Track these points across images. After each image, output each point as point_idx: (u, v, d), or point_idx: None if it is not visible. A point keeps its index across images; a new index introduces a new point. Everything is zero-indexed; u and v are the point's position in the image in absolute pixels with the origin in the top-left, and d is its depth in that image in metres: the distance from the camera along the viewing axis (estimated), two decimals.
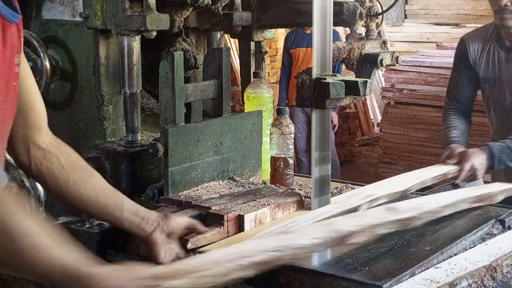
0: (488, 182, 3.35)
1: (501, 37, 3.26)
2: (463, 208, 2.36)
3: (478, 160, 2.90)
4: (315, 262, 2.05)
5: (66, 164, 1.83)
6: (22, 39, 1.67)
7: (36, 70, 2.60)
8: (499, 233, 2.23)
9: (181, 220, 1.94)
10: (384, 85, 7.76)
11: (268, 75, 8.15)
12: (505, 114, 3.31)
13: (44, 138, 1.83)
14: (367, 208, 2.33)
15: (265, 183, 2.55)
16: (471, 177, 2.90)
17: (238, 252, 1.72)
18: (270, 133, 2.52)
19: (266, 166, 2.64)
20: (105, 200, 1.85)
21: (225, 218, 2.06)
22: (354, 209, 2.31)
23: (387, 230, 2.03)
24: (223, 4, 2.73)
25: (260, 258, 1.73)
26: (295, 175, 2.61)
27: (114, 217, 1.87)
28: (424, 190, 2.71)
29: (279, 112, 2.50)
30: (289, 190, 2.43)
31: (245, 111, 2.71)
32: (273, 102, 2.95)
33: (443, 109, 3.51)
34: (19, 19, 1.59)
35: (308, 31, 6.32)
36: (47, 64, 2.59)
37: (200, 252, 1.90)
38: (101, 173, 2.46)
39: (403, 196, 2.49)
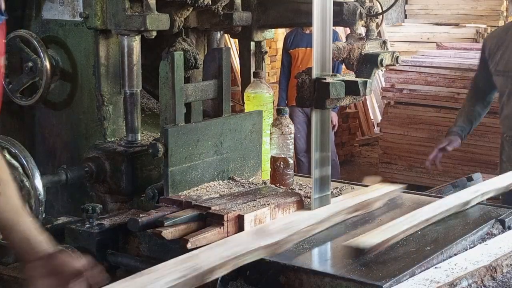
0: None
1: None
2: (338, 221, 2.24)
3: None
4: (315, 262, 2.06)
5: None
6: (4, 41, 1.63)
7: (36, 70, 2.59)
8: (499, 233, 2.24)
9: (73, 261, 1.72)
10: (384, 85, 7.75)
11: (268, 75, 8.15)
12: None
13: None
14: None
15: (265, 183, 2.55)
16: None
17: None
18: (270, 133, 2.52)
19: (266, 166, 2.64)
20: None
21: (225, 218, 2.06)
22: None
23: (255, 258, 1.91)
24: (223, 4, 2.73)
25: None
26: (295, 175, 2.61)
27: (4, 236, 1.78)
28: (424, 190, 2.71)
29: (279, 112, 2.50)
30: (289, 190, 2.44)
31: (245, 111, 2.71)
32: (273, 102, 2.94)
33: (467, 93, 3.93)
34: (2, 20, 1.56)
35: (308, 31, 6.31)
36: (47, 64, 2.58)
37: None
38: (101, 173, 2.49)
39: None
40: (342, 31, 7.81)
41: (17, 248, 1.75)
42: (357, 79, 2.24)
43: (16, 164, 2.33)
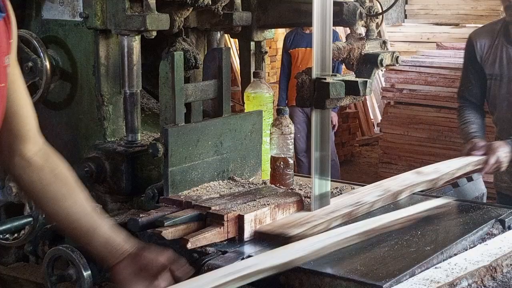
0: (490, 182, 3.38)
1: (509, 33, 3.27)
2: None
3: (503, 152, 2.95)
4: (315, 262, 2.06)
5: (46, 179, 1.75)
6: (12, 41, 1.61)
7: (36, 70, 2.59)
8: (499, 233, 2.23)
9: (158, 256, 1.75)
10: (384, 85, 7.76)
11: (268, 75, 8.15)
12: (511, 111, 3.32)
13: (31, 147, 1.76)
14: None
15: (265, 183, 2.55)
16: (496, 169, 2.98)
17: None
18: (270, 133, 2.52)
19: (266, 166, 2.64)
20: (77, 224, 1.76)
21: (225, 218, 2.06)
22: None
23: (424, 187, 2.55)
24: (223, 4, 2.73)
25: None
26: (295, 175, 2.61)
27: (82, 243, 1.80)
28: (424, 191, 2.71)
29: (279, 112, 2.50)
30: (289, 190, 2.44)
31: (245, 111, 2.71)
32: (273, 102, 2.94)
33: (457, 108, 3.54)
34: (1, 17, 1.54)
35: (307, 31, 6.31)
36: (47, 64, 2.58)
37: None
38: (101, 173, 2.49)
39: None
40: (342, 31, 7.82)
41: (99, 253, 1.76)
42: (357, 79, 2.24)
43: None
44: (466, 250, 2.08)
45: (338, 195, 2.50)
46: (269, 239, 2.08)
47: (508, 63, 3.26)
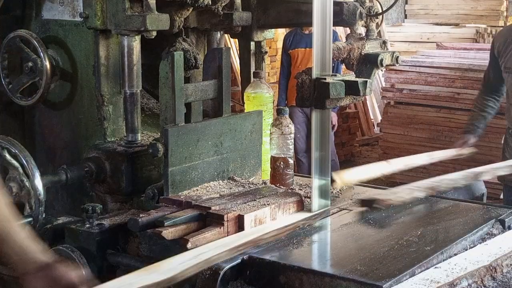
0: (490, 182, 3.47)
1: None
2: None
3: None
4: (315, 262, 2.06)
5: None
6: None
7: (36, 70, 2.59)
8: (499, 233, 2.23)
9: (69, 272, 1.71)
10: (384, 85, 7.75)
11: (268, 75, 8.14)
12: None
13: None
14: None
15: (265, 183, 2.55)
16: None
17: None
18: (270, 133, 2.52)
19: (266, 166, 2.64)
20: None
21: (225, 218, 2.06)
22: None
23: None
24: (223, 4, 2.73)
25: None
26: (295, 175, 2.61)
27: None
28: None
29: (279, 112, 2.50)
30: (289, 190, 2.44)
31: (245, 111, 2.71)
32: (273, 102, 2.94)
33: (478, 91, 3.91)
34: None
35: (307, 32, 6.31)
36: (47, 64, 2.58)
37: None
38: (101, 173, 2.49)
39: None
40: (342, 31, 7.81)
41: (13, 259, 1.71)
42: (357, 79, 2.25)
43: (16, 164, 2.33)
44: (466, 250, 2.08)
45: (338, 195, 2.50)
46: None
47: None
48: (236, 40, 3.18)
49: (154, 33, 2.45)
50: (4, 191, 1.77)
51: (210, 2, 2.56)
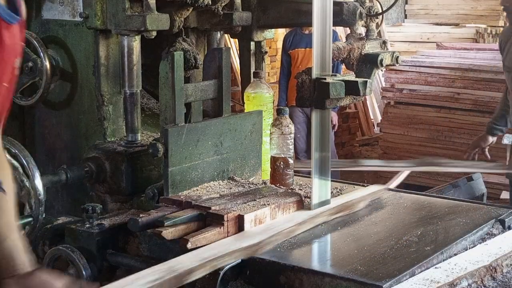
0: (490, 182, 3.42)
1: None
2: (320, 222, 2.22)
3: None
4: (315, 262, 2.06)
5: None
6: (23, 43, 1.62)
7: (36, 70, 2.59)
8: (499, 233, 2.24)
9: (53, 280, 1.66)
10: (384, 85, 7.75)
11: (268, 75, 8.14)
12: None
13: None
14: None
15: (265, 183, 2.55)
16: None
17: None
18: (270, 133, 2.52)
19: (266, 166, 2.64)
20: None
21: (225, 218, 2.06)
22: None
23: (234, 260, 1.91)
24: (223, 4, 2.73)
25: None
26: (295, 175, 2.61)
27: None
28: (424, 190, 2.71)
29: (279, 112, 2.50)
30: (289, 190, 2.43)
31: (245, 111, 2.71)
32: (273, 102, 2.94)
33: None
34: (17, 20, 1.54)
35: (307, 32, 6.30)
36: (47, 64, 2.58)
37: None
38: (101, 173, 2.49)
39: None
40: (342, 31, 7.81)
41: None
42: (357, 79, 2.25)
43: (16, 164, 2.33)
44: (466, 250, 2.08)
45: (338, 195, 2.50)
46: None
47: None
48: (236, 40, 3.18)
49: (154, 33, 2.45)
50: (13, 199, 1.73)
51: (210, 2, 2.56)
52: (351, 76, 2.32)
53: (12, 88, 1.61)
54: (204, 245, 1.98)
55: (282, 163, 2.49)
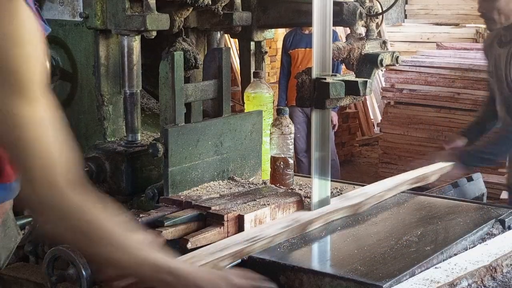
0: (490, 182, 3.41)
1: (500, 35, 3.38)
2: (403, 189, 2.59)
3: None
4: (315, 262, 2.06)
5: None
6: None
7: None
8: (499, 233, 2.23)
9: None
10: (384, 85, 7.75)
11: (268, 75, 8.14)
12: (500, 108, 3.36)
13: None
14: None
15: (265, 183, 2.55)
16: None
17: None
18: (270, 133, 2.52)
19: (266, 166, 2.64)
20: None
21: (225, 218, 2.06)
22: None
23: (340, 216, 2.30)
24: (223, 4, 2.73)
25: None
26: (295, 175, 2.61)
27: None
28: (424, 190, 2.72)
29: (279, 112, 2.50)
30: (289, 190, 2.43)
31: (245, 111, 2.71)
32: (273, 102, 2.94)
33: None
34: (49, 32, 1.57)
35: (306, 32, 6.31)
36: (47, 64, 2.58)
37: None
38: (101, 173, 2.49)
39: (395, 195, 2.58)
40: (342, 31, 7.81)
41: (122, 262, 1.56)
42: (357, 79, 2.24)
43: None
44: (466, 250, 2.08)
45: (338, 195, 2.50)
46: None
47: (496, 62, 3.36)
48: (236, 40, 3.18)
49: (154, 33, 2.45)
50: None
51: (210, 2, 2.56)
52: (351, 76, 2.32)
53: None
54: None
55: (282, 163, 2.49)
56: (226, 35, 3.17)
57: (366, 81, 2.20)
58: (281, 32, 7.64)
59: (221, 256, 1.88)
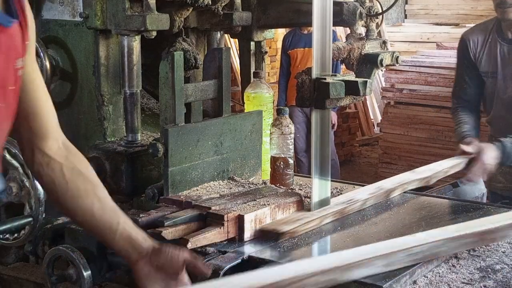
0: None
1: (502, 30, 3.29)
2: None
3: (490, 158, 2.80)
4: None
5: (68, 175, 1.76)
6: (29, 42, 1.64)
7: None
8: None
9: (178, 255, 1.74)
10: (384, 85, 7.76)
11: (268, 75, 8.15)
12: (505, 109, 3.32)
13: (51, 144, 1.76)
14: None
15: (265, 183, 2.55)
16: (482, 173, 2.82)
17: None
18: (270, 133, 2.52)
19: (266, 166, 2.64)
20: (100, 220, 1.75)
21: (225, 218, 2.06)
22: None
23: (415, 186, 2.59)
24: (223, 4, 2.73)
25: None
26: (295, 175, 2.61)
27: (106, 239, 1.78)
28: (424, 190, 2.71)
29: (279, 112, 2.50)
30: (289, 190, 2.44)
31: (245, 111, 2.71)
32: (273, 102, 2.94)
33: (451, 108, 3.54)
34: (13, 22, 1.54)
35: (306, 32, 6.32)
36: (47, 64, 2.58)
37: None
38: (101, 173, 2.48)
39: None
40: (342, 31, 7.82)
41: (122, 248, 1.76)
42: (357, 79, 2.24)
43: (16, 164, 2.33)
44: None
45: (338, 195, 2.50)
46: (264, 236, 2.09)
47: (502, 60, 3.28)
48: (236, 40, 3.18)
49: (154, 33, 2.45)
50: (101, 183, 1.83)
51: (210, 2, 2.56)
52: (351, 76, 2.32)
53: (18, 89, 1.61)
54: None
55: (282, 163, 2.50)
56: (226, 35, 3.17)
57: (366, 81, 2.20)
58: (281, 32, 7.65)
59: (326, 213, 2.24)
